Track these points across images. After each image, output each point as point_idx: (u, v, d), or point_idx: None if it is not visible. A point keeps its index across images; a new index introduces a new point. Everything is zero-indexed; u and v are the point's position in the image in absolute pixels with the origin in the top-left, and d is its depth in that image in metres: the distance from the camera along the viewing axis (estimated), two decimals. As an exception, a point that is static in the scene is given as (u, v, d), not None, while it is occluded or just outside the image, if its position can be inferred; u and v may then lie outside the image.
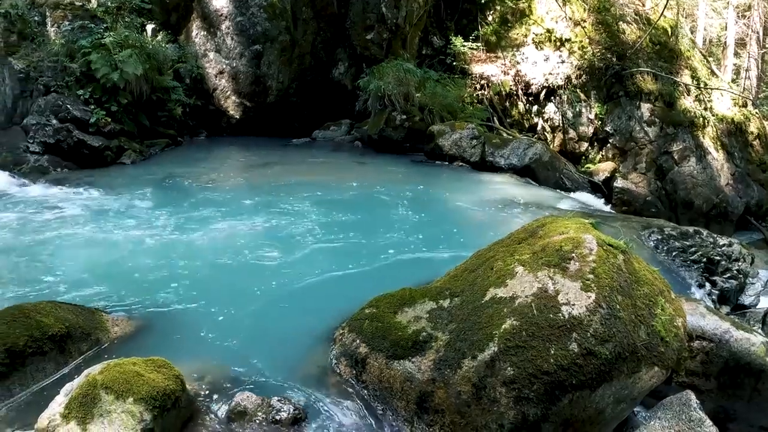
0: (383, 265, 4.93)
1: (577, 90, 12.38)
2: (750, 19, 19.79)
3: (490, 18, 13.05)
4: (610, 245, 3.22)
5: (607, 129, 12.30)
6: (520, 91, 12.44)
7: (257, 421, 2.87)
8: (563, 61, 12.45)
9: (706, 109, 13.00)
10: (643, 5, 14.14)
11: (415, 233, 5.87)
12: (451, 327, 3.13)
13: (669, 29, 13.52)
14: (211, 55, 11.04)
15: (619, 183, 11.89)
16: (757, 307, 5.54)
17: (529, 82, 12.38)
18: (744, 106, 14.10)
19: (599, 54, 12.49)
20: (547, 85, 12.32)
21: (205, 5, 10.94)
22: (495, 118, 12.09)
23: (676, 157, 12.32)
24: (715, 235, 5.81)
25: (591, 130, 12.36)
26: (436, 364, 3.00)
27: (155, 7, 10.72)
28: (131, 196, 6.91)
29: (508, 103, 12.45)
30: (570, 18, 12.82)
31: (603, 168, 11.96)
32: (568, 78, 12.36)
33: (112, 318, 3.75)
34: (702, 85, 13.29)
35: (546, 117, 12.41)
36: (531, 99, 12.48)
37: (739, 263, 5.63)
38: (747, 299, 5.68)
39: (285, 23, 11.16)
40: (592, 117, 12.34)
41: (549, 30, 12.67)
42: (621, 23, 13.07)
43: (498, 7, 13.00)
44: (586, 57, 12.45)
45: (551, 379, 2.74)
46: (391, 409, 3.06)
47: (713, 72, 14.58)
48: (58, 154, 8.40)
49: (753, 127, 13.81)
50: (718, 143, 12.92)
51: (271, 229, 5.80)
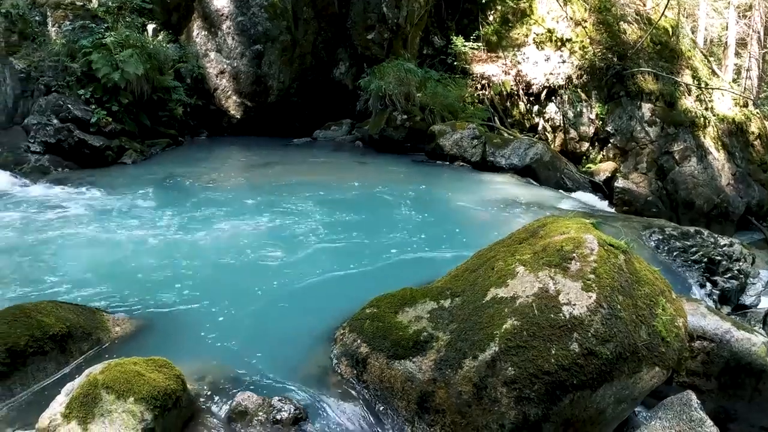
0: (385, 265, 4.93)
1: (578, 90, 12.38)
2: (751, 19, 19.76)
3: (491, 18, 13.04)
4: (611, 245, 3.22)
5: (608, 129, 12.29)
6: (521, 91, 12.43)
7: (258, 421, 2.87)
8: (564, 61, 12.44)
9: (707, 109, 13.00)
10: (644, 5, 14.13)
11: (417, 233, 5.87)
12: (452, 327, 3.13)
13: (670, 29, 13.51)
14: (212, 55, 11.04)
15: (620, 183, 11.88)
16: (758, 308, 5.54)
17: (530, 82, 12.38)
18: (745, 106, 14.10)
19: (600, 54, 12.49)
20: (548, 85, 12.32)
21: (206, 5, 10.95)
22: (496, 118, 12.09)
23: (677, 157, 12.32)
24: (716, 235, 5.81)
25: (592, 130, 12.35)
26: (437, 364, 3.00)
27: (156, 7, 10.73)
28: (133, 195, 6.91)
29: (509, 103, 12.44)
30: (571, 18, 12.82)
31: (604, 168, 11.95)
32: (569, 78, 12.36)
33: (113, 318, 3.75)
34: (703, 85, 13.28)
35: (547, 117, 12.40)
36: (532, 99, 12.47)
37: (740, 263, 5.63)
38: (748, 299, 5.68)
39: (286, 23, 11.16)
40: (593, 117, 12.34)
41: (550, 30, 12.66)
42: (622, 23, 13.06)
43: (499, 7, 13.00)
44: (587, 57, 12.44)
45: (552, 379, 2.74)
46: (392, 409, 3.06)
47: (714, 72, 14.57)
48: (59, 153, 8.40)
49: (754, 127, 13.81)
50: (719, 143, 12.92)
51: (273, 229, 5.80)
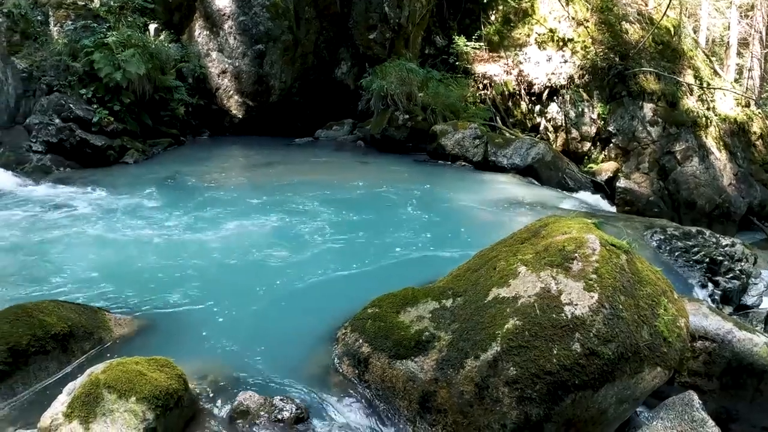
0: (387, 265, 4.93)
1: (580, 90, 12.36)
2: (753, 19, 19.75)
3: (492, 18, 13.03)
4: (613, 245, 3.22)
5: (610, 129, 12.28)
6: (522, 91, 12.42)
7: (260, 421, 2.87)
8: (566, 61, 12.42)
9: (708, 109, 12.98)
10: (646, 5, 14.12)
11: (420, 232, 5.87)
12: (454, 327, 3.13)
13: (672, 29, 13.49)
14: (214, 55, 11.05)
15: (622, 183, 11.87)
16: (760, 308, 5.53)
17: (532, 81, 12.36)
18: (747, 106, 14.08)
19: (602, 54, 12.47)
20: (550, 85, 12.30)
21: (208, 5, 10.95)
22: (498, 117, 12.08)
23: (678, 157, 12.30)
24: (718, 236, 5.80)
25: (594, 130, 12.33)
26: (438, 363, 3.00)
27: (158, 7, 10.74)
28: (134, 195, 6.92)
29: (510, 103, 12.43)
30: (573, 18, 12.80)
31: (606, 168, 11.94)
32: (570, 78, 12.34)
33: (114, 317, 3.76)
34: (705, 85, 13.26)
35: (549, 117, 12.38)
36: (534, 99, 12.46)
37: (742, 263, 5.62)
38: (750, 299, 5.67)
39: (288, 23, 11.16)
40: (594, 117, 12.32)
41: (552, 30, 12.65)
42: (624, 23, 13.04)
43: (501, 7, 12.99)
44: (588, 57, 12.42)
45: (554, 379, 2.74)
46: (394, 409, 3.06)
47: (716, 72, 14.55)
48: (60, 153, 8.42)
49: (756, 127, 13.79)
50: (720, 143, 12.90)
51: (275, 229, 5.81)
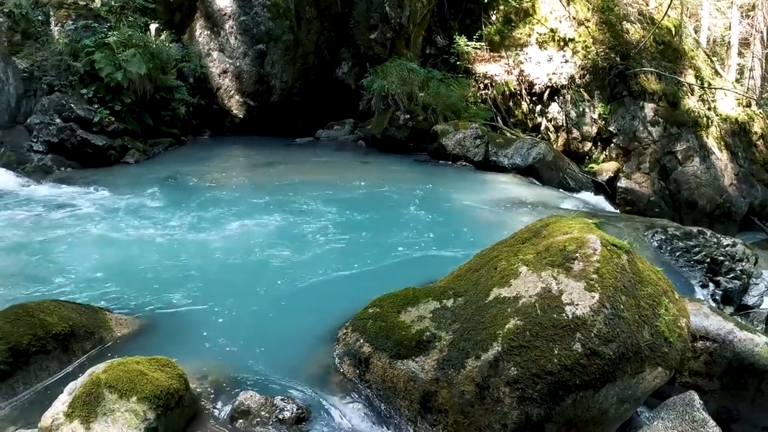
0: (388, 264, 4.93)
1: (581, 90, 12.35)
2: (754, 19, 19.73)
3: (493, 17, 13.03)
4: (613, 245, 3.22)
5: (611, 129, 12.28)
6: (523, 91, 12.42)
7: (260, 420, 2.87)
8: (567, 61, 12.42)
9: (709, 109, 12.98)
10: (647, 5, 14.11)
11: (421, 232, 5.87)
12: (455, 327, 3.13)
13: (673, 29, 13.48)
14: (215, 55, 11.06)
15: (623, 183, 11.87)
16: (761, 308, 5.52)
17: (533, 81, 12.36)
18: (748, 105, 14.07)
19: (603, 54, 12.47)
20: (551, 85, 12.30)
21: (209, 5, 10.96)
22: (498, 117, 12.08)
23: (679, 157, 12.30)
24: (719, 236, 5.79)
25: (594, 129, 12.33)
26: (439, 363, 3.00)
27: (159, 7, 10.75)
28: (137, 195, 6.92)
29: (511, 103, 12.43)
30: (574, 18, 12.80)
31: (606, 168, 11.94)
32: (571, 78, 12.34)
33: (115, 317, 3.76)
34: (706, 85, 13.26)
35: (549, 117, 12.38)
36: (534, 99, 12.46)
37: (743, 263, 5.62)
38: (750, 299, 5.66)
39: (289, 23, 11.16)
40: (595, 117, 12.32)
41: (553, 30, 12.65)
42: (625, 23, 13.04)
43: (501, 7, 12.99)
44: (589, 57, 12.42)
45: (555, 379, 2.74)
46: (395, 409, 3.06)
47: (717, 72, 14.54)
48: (61, 153, 8.42)
49: (757, 127, 13.78)
50: (721, 143, 12.90)
51: (277, 229, 5.81)
